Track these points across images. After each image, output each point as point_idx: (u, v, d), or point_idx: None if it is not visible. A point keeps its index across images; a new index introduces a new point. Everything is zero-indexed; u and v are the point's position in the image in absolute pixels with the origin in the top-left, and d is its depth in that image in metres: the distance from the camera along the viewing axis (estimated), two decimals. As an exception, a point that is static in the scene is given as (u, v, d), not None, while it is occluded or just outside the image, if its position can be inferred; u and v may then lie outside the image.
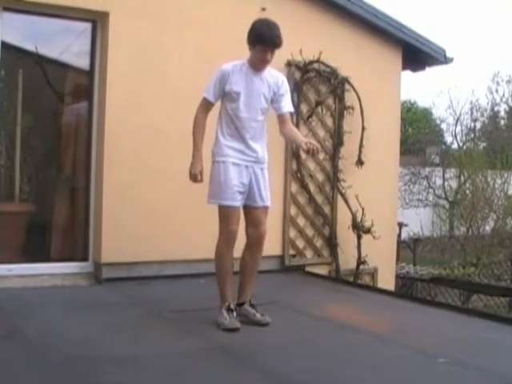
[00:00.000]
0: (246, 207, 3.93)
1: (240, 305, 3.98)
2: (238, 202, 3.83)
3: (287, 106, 3.97)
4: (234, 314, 3.84)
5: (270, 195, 3.98)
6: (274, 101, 3.93)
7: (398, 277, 7.96)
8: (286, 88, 3.97)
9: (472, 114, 15.79)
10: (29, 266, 4.96)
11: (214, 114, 4.01)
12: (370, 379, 3.06)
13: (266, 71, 3.90)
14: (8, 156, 5.34)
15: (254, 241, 3.92)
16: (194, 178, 3.88)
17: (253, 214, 3.92)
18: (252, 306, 3.99)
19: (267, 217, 3.99)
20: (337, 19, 6.28)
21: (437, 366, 3.27)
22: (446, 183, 14.28)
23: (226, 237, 3.84)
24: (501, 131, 16.25)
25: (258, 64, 3.85)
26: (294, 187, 6.08)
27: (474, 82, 30.34)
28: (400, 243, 10.41)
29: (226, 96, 3.85)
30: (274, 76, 3.95)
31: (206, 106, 3.91)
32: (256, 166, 3.89)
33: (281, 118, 3.97)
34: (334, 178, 6.32)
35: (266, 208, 3.96)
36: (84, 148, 5.36)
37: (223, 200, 3.81)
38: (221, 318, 3.80)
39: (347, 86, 6.34)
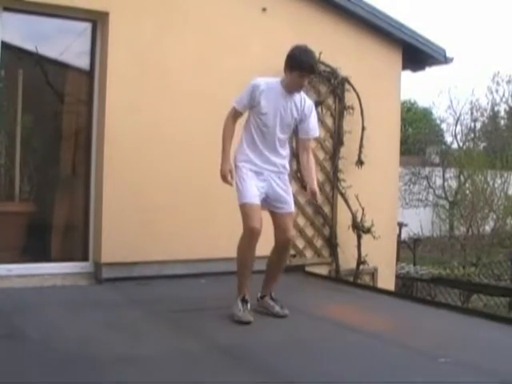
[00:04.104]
0: (270, 213, 4.10)
1: (262, 297, 4.21)
2: (255, 199, 3.92)
3: (311, 130, 4.15)
4: (249, 306, 3.97)
5: (292, 201, 4.14)
6: (299, 122, 4.09)
7: (397, 277, 7.96)
8: (311, 112, 4.10)
9: (472, 114, 15.76)
10: (29, 266, 4.96)
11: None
12: (369, 379, 3.06)
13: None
14: (8, 156, 5.34)
15: (281, 245, 4.10)
16: (224, 178, 4.01)
17: (277, 219, 4.08)
18: (272, 299, 4.19)
19: (292, 221, 4.22)
20: (337, 19, 6.29)
21: (437, 366, 3.27)
22: (445, 183, 14.26)
23: (248, 234, 3.90)
24: (501, 131, 16.21)
25: (293, 88, 3.99)
26: (294, 187, 6.08)
27: (474, 81, 30.33)
28: (400, 243, 10.40)
29: (254, 110, 3.99)
30: (302, 99, 4.08)
31: (235, 114, 4.06)
32: (274, 175, 4.05)
33: (302, 141, 4.21)
34: (333, 177, 6.32)
35: (289, 213, 4.12)
36: (84, 148, 5.36)
37: (242, 198, 3.93)
38: (235, 308, 3.94)
39: (347, 86, 6.35)
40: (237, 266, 4.04)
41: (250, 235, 3.88)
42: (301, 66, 3.90)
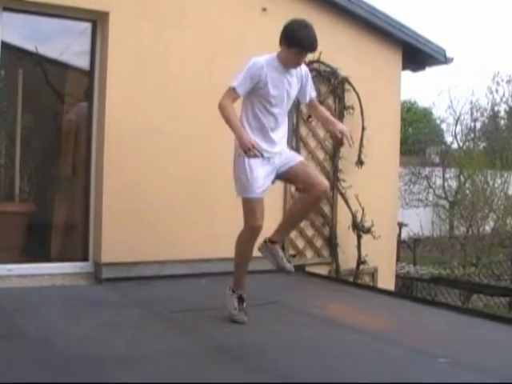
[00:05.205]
0: (286, 178, 3.94)
1: (273, 242, 3.95)
2: (261, 193, 3.76)
3: (312, 91, 4.07)
4: (244, 305, 3.91)
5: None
6: (300, 91, 3.97)
7: (398, 277, 7.96)
8: (308, 76, 4.01)
9: (472, 114, 15.75)
10: (29, 266, 4.96)
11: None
12: (369, 379, 3.05)
13: None
14: (8, 156, 5.34)
15: (315, 197, 3.85)
16: (249, 149, 3.56)
17: (297, 175, 3.86)
18: (282, 248, 4.04)
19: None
20: (337, 19, 6.28)
21: (437, 366, 3.27)
22: (445, 183, 14.26)
23: (251, 231, 3.77)
24: (501, 131, 16.20)
25: (290, 65, 3.82)
26: (294, 187, 6.08)
27: (474, 82, 30.37)
28: (400, 243, 10.41)
29: (260, 93, 3.76)
30: (298, 67, 3.92)
31: (233, 96, 3.75)
32: (277, 154, 3.87)
33: (311, 103, 4.10)
34: (333, 177, 6.32)
35: (302, 162, 3.96)
36: (84, 148, 5.36)
37: (247, 192, 3.74)
38: (230, 306, 3.89)
39: (347, 86, 6.35)
40: (235, 260, 3.94)
41: (251, 231, 3.76)
42: (300, 43, 3.68)
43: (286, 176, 3.92)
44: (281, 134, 3.92)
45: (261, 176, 3.75)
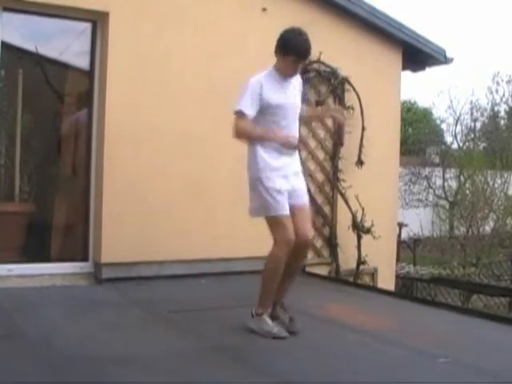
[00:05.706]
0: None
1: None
2: (288, 210, 3.67)
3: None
4: (279, 319, 3.78)
5: (307, 197, 3.89)
6: None
7: (397, 277, 7.96)
8: (300, 89, 3.97)
9: (472, 114, 15.74)
10: (29, 266, 4.96)
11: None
12: (369, 379, 3.06)
13: None
14: (8, 156, 5.34)
15: (296, 247, 3.72)
16: (289, 140, 3.68)
17: (291, 214, 3.74)
18: (283, 308, 3.90)
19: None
20: (337, 19, 6.29)
21: (437, 366, 3.27)
22: (445, 183, 14.26)
23: (286, 246, 3.63)
24: (501, 131, 16.19)
25: (287, 74, 3.78)
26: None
27: (474, 81, 30.38)
28: (400, 243, 10.41)
29: (264, 111, 3.70)
30: (295, 77, 3.90)
31: (245, 120, 3.68)
32: (290, 169, 3.79)
33: None
34: (333, 177, 6.32)
35: (303, 206, 3.81)
36: (84, 148, 5.36)
37: (276, 210, 3.64)
38: (265, 326, 3.68)
39: (347, 86, 6.35)
40: (266, 281, 3.73)
41: (287, 244, 3.63)
42: (295, 51, 3.67)
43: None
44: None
45: (282, 195, 3.66)
